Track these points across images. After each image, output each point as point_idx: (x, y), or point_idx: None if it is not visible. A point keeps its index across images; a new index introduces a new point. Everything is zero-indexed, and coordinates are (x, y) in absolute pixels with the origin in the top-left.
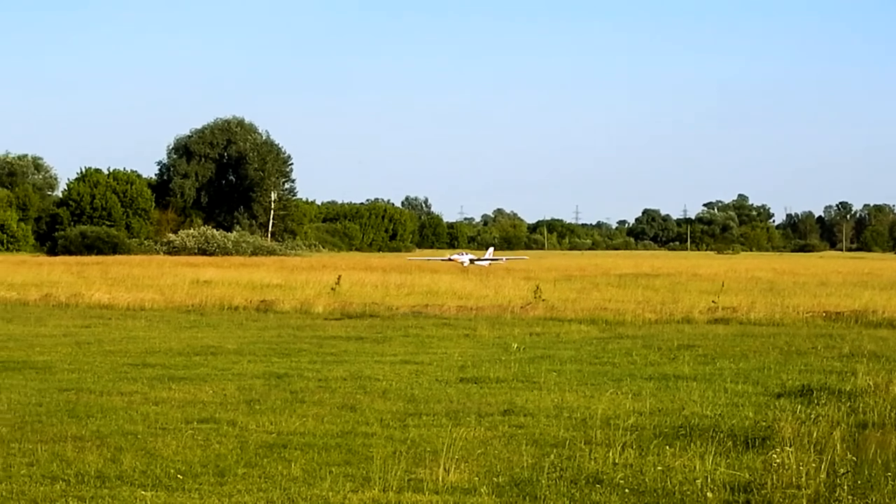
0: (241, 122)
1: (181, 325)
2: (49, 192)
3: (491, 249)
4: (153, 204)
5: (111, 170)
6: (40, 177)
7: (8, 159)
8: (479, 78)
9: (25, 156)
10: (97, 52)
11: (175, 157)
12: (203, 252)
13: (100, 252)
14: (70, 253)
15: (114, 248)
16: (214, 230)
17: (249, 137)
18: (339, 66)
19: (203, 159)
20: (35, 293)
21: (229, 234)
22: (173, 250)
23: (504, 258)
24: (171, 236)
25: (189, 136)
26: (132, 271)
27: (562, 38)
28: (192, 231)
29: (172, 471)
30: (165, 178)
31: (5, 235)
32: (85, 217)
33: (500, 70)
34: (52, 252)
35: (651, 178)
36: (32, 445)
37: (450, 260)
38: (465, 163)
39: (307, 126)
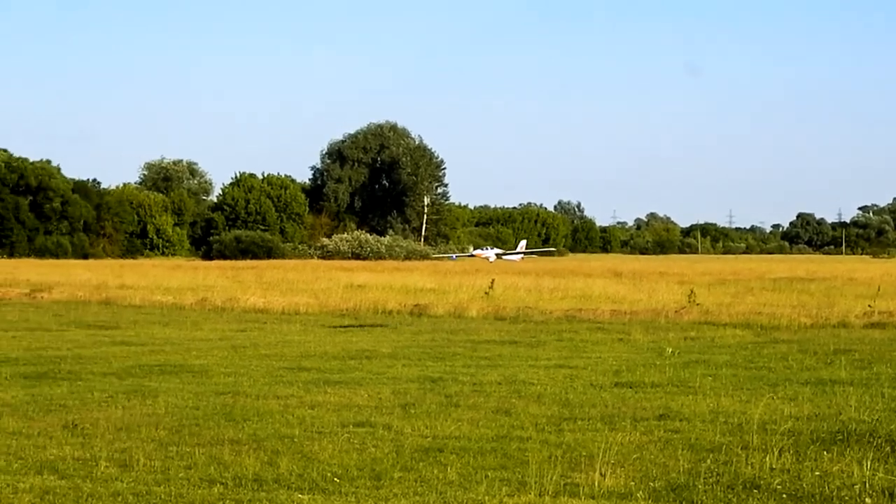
0: (394, 127)
1: (335, 329)
2: (204, 197)
3: (523, 243)
4: (307, 208)
5: (265, 174)
6: (195, 182)
7: (163, 164)
8: (633, 80)
9: (181, 161)
10: (251, 58)
11: (329, 161)
12: (356, 256)
13: (254, 256)
14: (225, 257)
15: (268, 253)
16: (368, 234)
17: (402, 142)
18: (492, 68)
19: (357, 164)
20: (191, 297)
21: (382, 238)
22: (327, 254)
23: (520, 255)
24: (325, 241)
25: (343, 141)
26: (286, 275)
27: (717, 37)
28: (345, 235)
29: (329, 474)
30: (319, 182)
31: (161, 240)
32: (239, 222)
33: (654, 72)
34: (207, 256)
35: (806, 181)
36: (190, 448)
37: (471, 256)
38: (619, 166)
39: (460, 130)
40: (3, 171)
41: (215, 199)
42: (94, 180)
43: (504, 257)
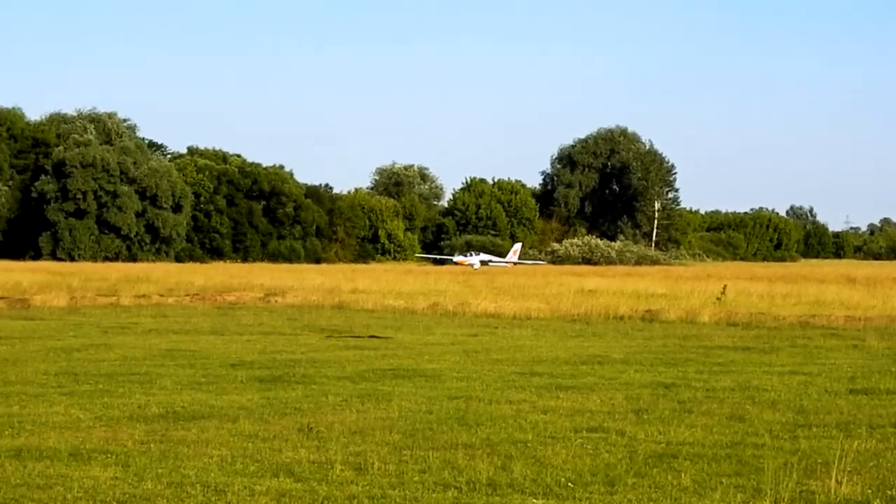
0: (624, 132)
1: (567, 334)
2: (435, 202)
3: (516, 247)
4: (537, 213)
5: (496, 179)
6: (426, 187)
7: (395, 169)
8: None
9: (411, 166)
10: (482, 63)
11: (559, 166)
12: (587, 261)
13: None
14: None
15: (498, 257)
16: (598, 239)
17: (633, 147)
18: (722, 72)
19: (587, 169)
20: (423, 302)
21: (613, 243)
22: (557, 259)
23: (510, 262)
24: (556, 245)
25: (573, 146)
26: (517, 280)
27: None
28: (575, 240)
29: (563, 479)
30: (549, 187)
31: (392, 245)
32: (470, 226)
33: (892, 78)
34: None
35: None
36: (424, 452)
37: (455, 263)
38: (852, 171)
39: (690, 134)
40: (237, 176)
41: (446, 204)
42: (327, 185)
43: (492, 264)
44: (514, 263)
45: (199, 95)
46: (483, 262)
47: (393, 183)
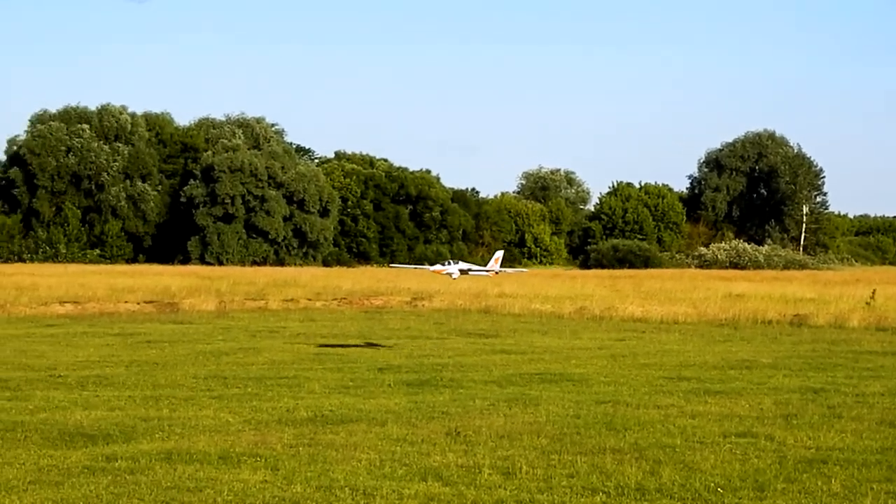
0: (771, 136)
1: (714, 339)
2: (581, 206)
3: (498, 255)
4: (684, 217)
5: (642, 183)
6: (573, 191)
7: (541, 174)
8: None
9: (558, 170)
10: (626, 66)
11: (706, 170)
12: (734, 265)
13: (631, 265)
14: (602, 266)
15: (645, 262)
16: (745, 244)
17: (780, 150)
18: (871, 74)
19: (734, 173)
20: (569, 306)
21: (760, 247)
22: (704, 263)
23: (492, 271)
24: (703, 250)
25: (720, 150)
26: (664, 285)
27: None
28: (723, 244)
29: (712, 484)
30: (696, 191)
31: (539, 249)
32: (616, 231)
33: None
34: (585, 265)
35: None
36: (572, 457)
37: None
38: None
39: (839, 137)
40: (384, 180)
41: (592, 209)
42: (473, 189)
43: (472, 273)
44: (497, 272)
45: (347, 100)
46: (462, 272)
47: (539, 187)
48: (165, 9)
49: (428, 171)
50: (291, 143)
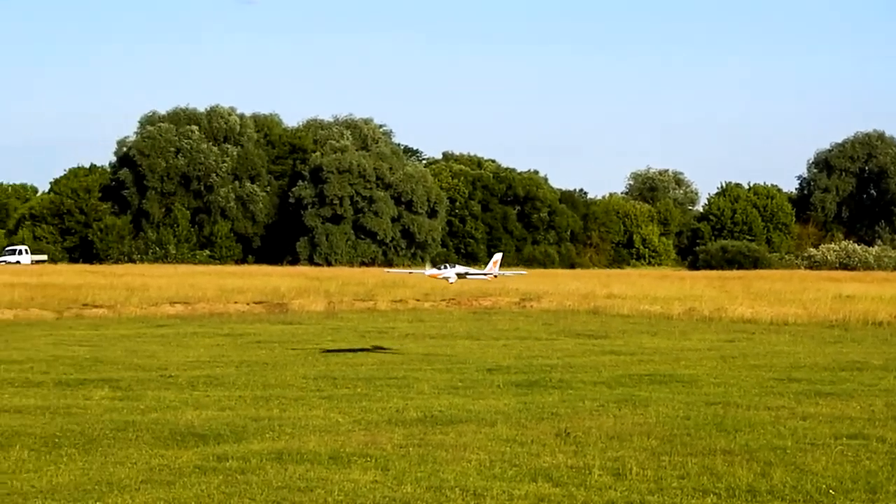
0: (881, 136)
1: (825, 340)
2: (690, 207)
3: (497, 257)
4: (793, 218)
5: (751, 184)
6: (681, 192)
7: (649, 174)
8: None
9: (666, 171)
10: (733, 68)
11: (815, 171)
12: (843, 267)
13: (740, 266)
14: (710, 267)
15: (754, 263)
16: (855, 244)
17: (890, 151)
18: None
19: (843, 173)
20: (678, 307)
21: (870, 248)
22: (814, 265)
23: (490, 274)
24: (812, 251)
25: (829, 150)
26: (773, 286)
27: None
28: (832, 245)
29: (823, 486)
30: (806, 192)
31: (647, 250)
32: (725, 231)
33: None
34: (693, 266)
35: None
36: (682, 458)
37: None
38: None
39: None
40: (492, 181)
41: (701, 209)
42: (581, 190)
43: (469, 277)
44: (495, 275)
45: (454, 101)
46: (460, 276)
47: (648, 188)
48: (274, 9)
49: (536, 172)
50: (399, 144)
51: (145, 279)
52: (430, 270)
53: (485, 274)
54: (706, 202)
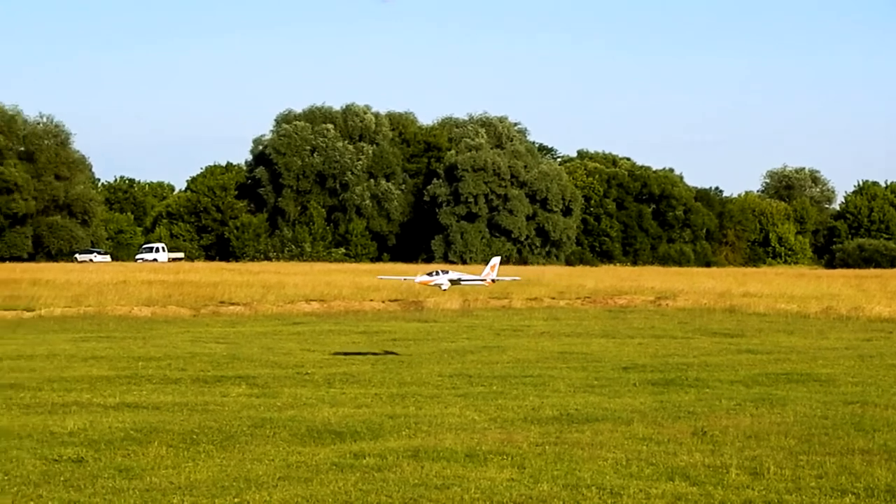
0: None
1: None
2: (826, 206)
3: (494, 261)
4: None
5: (888, 182)
6: (817, 190)
7: (786, 172)
8: None
9: (802, 169)
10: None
11: None
12: None
13: (877, 265)
14: (847, 266)
15: (892, 262)
16: None
17: None
18: None
19: None
20: (815, 306)
21: None
22: None
23: (484, 280)
24: None
25: None
26: None
27: None
28: None
29: None
30: None
31: (783, 248)
32: (862, 230)
33: None
34: (830, 265)
35: None
36: (820, 458)
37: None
38: None
39: None
40: (627, 179)
41: (837, 208)
42: (716, 188)
43: (464, 282)
44: (493, 280)
45: (589, 99)
46: (453, 282)
47: (784, 186)
48: (409, 8)
49: (671, 170)
50: (534, 142)
51: (281, 277)
52: (420, 278)
53: (481, 279)
54: (843, 200)
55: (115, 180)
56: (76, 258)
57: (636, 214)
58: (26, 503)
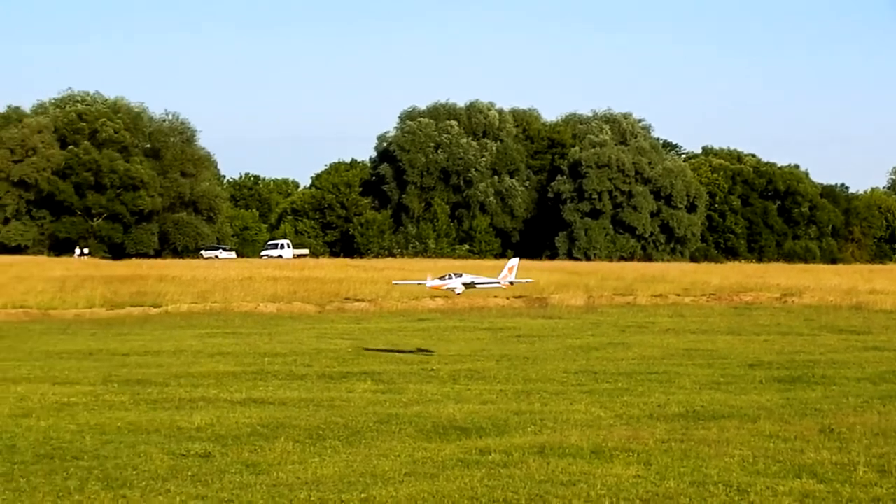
0: None
1: None
2: None
3: (512, 262)
4: None
5: None
6: None
7: None
8: None
9: None
10: None
11: None
12: None
13: None
14: None
15: None
16: None
17: None
18: None
19: None
20: None
21: None
22: None
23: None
24: None
25: None
26: None
27: None
28: None
29: None
30: None
31: None
32: None
33: None
34: None
35: None
36: None
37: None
38: None
39: None
40: (752, 175)
41: None
42: (843, 185)
43: (478, 286)
44: (511, 283)
45: (713, 96)
46: (467, 285)
47: None
48: (533, 5)
49: (796, 166)
50: (658, 139)
51: (405, 273)
52: (431, 282)
53: (497, 282)
54: None
55: (241, 177)
56: (202, 255)
57: (761, 211)
58: (154, 497)
